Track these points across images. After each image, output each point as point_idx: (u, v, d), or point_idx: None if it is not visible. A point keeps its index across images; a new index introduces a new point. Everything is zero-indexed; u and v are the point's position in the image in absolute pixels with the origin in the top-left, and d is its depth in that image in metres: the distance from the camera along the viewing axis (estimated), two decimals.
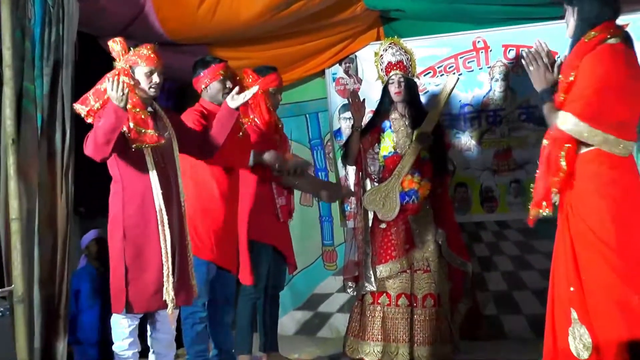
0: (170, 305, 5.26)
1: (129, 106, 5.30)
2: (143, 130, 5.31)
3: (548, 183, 4.49)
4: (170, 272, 5.25)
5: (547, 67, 4.74)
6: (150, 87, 5.44)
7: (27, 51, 6.12)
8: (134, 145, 5.33)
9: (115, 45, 5.40)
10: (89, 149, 5.22)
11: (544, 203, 4.49)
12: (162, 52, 5.66)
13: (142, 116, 5.36)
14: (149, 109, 5.46)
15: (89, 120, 5.32)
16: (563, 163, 4.46)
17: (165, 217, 5.27)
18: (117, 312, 5.32)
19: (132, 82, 5.33)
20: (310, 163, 7.25)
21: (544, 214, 4.51)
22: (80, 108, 5.35)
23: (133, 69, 5.39)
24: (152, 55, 5.43)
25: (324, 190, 7.10)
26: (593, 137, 4.40)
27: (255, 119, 6.53)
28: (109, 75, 5.31)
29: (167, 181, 5.45)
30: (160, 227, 5.27)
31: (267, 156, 6.36)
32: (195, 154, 5.69)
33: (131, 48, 5.42)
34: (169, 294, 5.24)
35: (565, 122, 4.44)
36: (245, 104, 6.18)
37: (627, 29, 5.31)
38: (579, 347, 4.40)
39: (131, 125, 5.32)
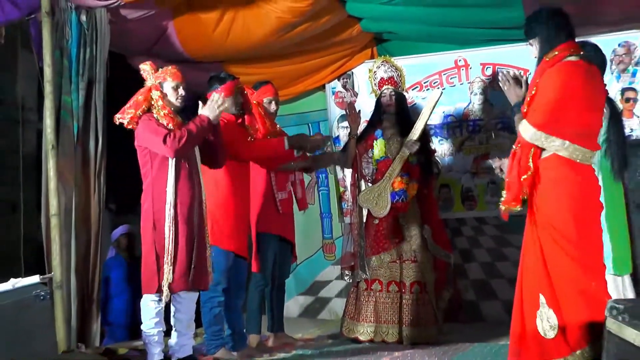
0: (166, 290, 5.33)
1: (163, 114, 5.41)
2: None
3: (519, 183, 4.53)
4: (172, 261, 5.32)
5: (518, 84, 4.80)
6: (177, 99, 5.52)
7: (65, 68, 6.19)
8: None
9: (145, 67, 5.46)
10: (171, 147, 5.27)
11: (514, 202, 4.55)
12: (181, 68, 5.72)
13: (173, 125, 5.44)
14: (179, 118, 5.53)
15: (131, 127, 5.35)
16: (530, 164, 4.51)
17: (172, 213, 5.32)
18: (150, 293, 5.35)
19: (161, 95, 5.42)
20: (330, 136, 7.22)
21: (517, 209, 4.56)
22: (120, 118, 5.37)
23: (162, 84, 5.46)
24: (176, 72, 5.52)
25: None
26: (550, 143, 4.44)
27: (258, 127, 6.56)
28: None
29: (191, 182, 5.51)
30: (172, 221, 5.35)
31: (300, 140, 6.37)
32: (207, 163, 5.73)
33: (159, 68, 5.49)
34: (166, 279, 5.32)
35: (526, 130, 4.50)
36: (250, 116, 6.28)
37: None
38: (545, 328, 4.43)
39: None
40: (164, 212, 5.33)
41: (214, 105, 5.58)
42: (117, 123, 5.38)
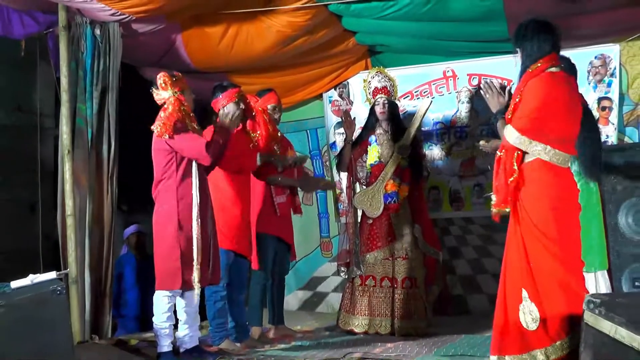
0: (197, 284, 5.35)
1: (193, 124, 5.44)
2: None
3: (506, 185, 4.53)
4: (198, 258, 5.33)
5: (500, 93, 4.79)
6: (191, 104, 5.57)
7: (80, 78, 6.21)
8: None
9: (164, 78, 5.39)
10: (212, 156, 5.35)
11: (503, 204, 4.55)
12: (189, 79, 5.72)
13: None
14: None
15: (163, 135, 5.30)
16: (515, 167, 4.51)
17: (197, 214, 5.35)
18: (173, 289, 5.35)
19: (185, 108, 5.42)
20: (306, 156, 7.17)
21: (507, 210, 4.56)
22: (158, 128, 5.33)
23: (183, 93, 5.47)
24: (185, 79, 5.53)
25: (305, 184, 7.13)
26: (533, 147, 4.44)
27: (261, 132, 6.56)
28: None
29: (206, 185, 5.55)
30: (198, 221, 5.35)
31: (272, 158, 6.39)
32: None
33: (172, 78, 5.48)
34: (196, 275, 5.33)
35: (511, 135, 4.49)
36: (253, 122, 6.28)
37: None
38: (527, 320, 4.42)
39: None
40: (190, 213, 5.34)
41: (229, 117, 5.64)
42: (156, 134, 5.33)
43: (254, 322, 6.57)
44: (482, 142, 5.25)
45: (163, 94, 5.41)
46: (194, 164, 5.40)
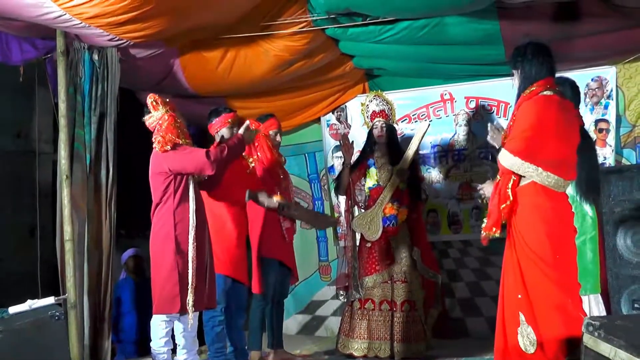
0: (191, 307, 5.33)
1: (188, 141, 5.43)
2: None
3: (498, 211, 4.55)
4: (192, 282, 5.32)
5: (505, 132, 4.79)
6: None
7: (78, 103, 6.22)
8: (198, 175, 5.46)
9: (154, 98, 5.42)
10: (214, 160, 5.30)
11: (494, 228, 4.56)
12: (187, 103, 5.73)
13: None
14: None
15: (157, 149, 5.32)
16: (509, 192, 4.52)
17: (194, 237, 5.34)
18: (171, 313, 5.33)
19: (179, 124, 5.43)
20: (290, 203, 7.07)
21: (496, 235, 4.57)
22: (159, 142, 5.34)
23: (175, 111, 5.47)
24: (174, 105, 5.55)
25: (316, 221, 7.16)
26: (525, 169, 4.46)
27: (260, 157, 6.58)
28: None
29: (201, 206, 5.55)
30: (194, 245, 5.35)
31: (260, 197, 6.34)
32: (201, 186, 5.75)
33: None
34: (191, 299, 5.31)
35: (504, 157, 4.51)
36: (250, 146, 6.29)
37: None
38: (526, 344, 4.44)
39: None
40: (187, 236, 5.33)
41: (249, 133, 5.69)
42: (158, 149, 5.33)
43: (253, 346, 6.55)
44: (481, 191, 5.20)
45: (155, 114, 5.40)
46: (191, 187, 5.39)
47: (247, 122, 5.74)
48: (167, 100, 5.47)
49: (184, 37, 6.43)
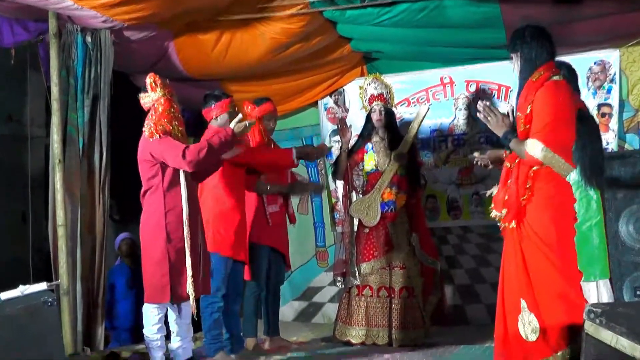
0: (192, 295, 5.31)
1: (181, 129, 5.39)
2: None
3: (518, 203, 4.51)
4: (190, 268, 5.30)
5: (504, 115, 4.72)
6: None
7: (71, 87, 6.20)
8: None
9: (153, 78, 5.37)
10: (190, 160, 5.23)
11: (514, 221, 4.54)
12: (181, 86, 5.68)
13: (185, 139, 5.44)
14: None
15: (147, 134, 5.28)
16: (529, 185, 4.50)
17: (187, 225, 5.32)
18: (162, 302, 5.32)
19: (174, 110, 5.39)
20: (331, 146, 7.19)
21: (511, 225, 4.56)
22: (151, 129, 5.30)
23: (172, 94, 5.42)
24: (172, 88, 5.50)
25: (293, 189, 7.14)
26: (550, 159, 4.42)
27: (254, 140, 6.57)
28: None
29: (195, 194, 5.53)
30: (188, 233, 5.32)
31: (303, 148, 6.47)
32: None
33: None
34: (191, 286, 5.30)
35: (534, 148, 4.42)
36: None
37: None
38: (527, 331, 4.43)
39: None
40: (179, 224, 5.31)
41: (242, 126, 5.56)
42: (147, 135, 5.29)
43: (248, 333, 6.56)
44: (476, 154, 5.23)
45: (152, 95, 5.35)
46: (182, 175, 5.36)
47: (240, 115, 5.68)
48: (167, 82, 5.43)
49: (178, 19, 6.40)
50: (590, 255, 5.16)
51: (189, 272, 5.27)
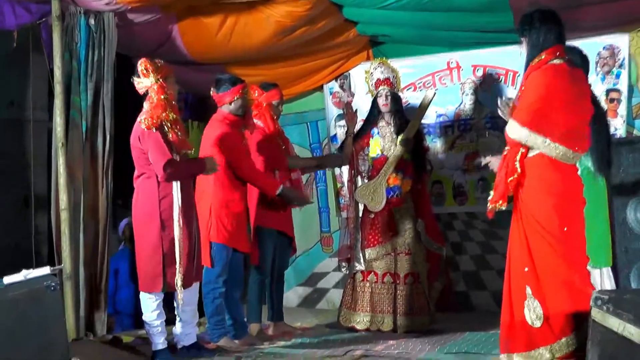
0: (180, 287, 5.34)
1: (175, 116, 5.39)
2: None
3: (505, 184, 4.54)
4: (179, 258, 5.32)
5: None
6: (175, 90, 5.56)
7: (74, 70, 6.19)
8: (182, 152, 5.41)
9: (145, 65, 5.38)
10: (164, 175, 5.27)
11: (500, 201, 4.55)
12: (185, 70, 5.67)
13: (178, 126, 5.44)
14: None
15: (143, 126, 5.29)
16: (517, 165, 4.51)
17: (180, 213, 5.33)
18: (155, 291, 5.36)
19: (167, 97, 5.37)
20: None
21: (502, 208, 4.57)
22: (147, 120, 5.30)
23: (166, 80, 5.42)
24: (168, 68, 5.49)
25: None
26: (533, 140, 4.43)
27: (261, 125, 6.57)
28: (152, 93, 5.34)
29: (188, 183, 5.53)
30: (181, 221, 5.33)
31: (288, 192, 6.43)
32: None
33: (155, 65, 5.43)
34: (179, 277, 5.33)
35: (512, 128, 4.49)
36: (250, 115, 6.28)
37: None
38: (533, 318, 4.45)
39: (179, 133, 5.38)
40: (173, 213, 5.31)
41: (213, 167, 5.61)
42: (145, 127, 5.30)
43: (252, 318, 6.58)
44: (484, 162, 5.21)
45: (145, 81, 5.36)
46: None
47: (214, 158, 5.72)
48: (160, 65, 5.42)
49: (182, 1, 6.39)
50: (594, 243, 5.16)
51: (178, 263, 5.29)
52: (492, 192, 4.64)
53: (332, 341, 6.31)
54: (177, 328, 5.60)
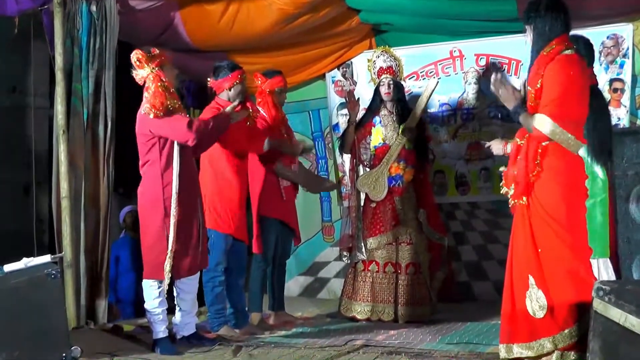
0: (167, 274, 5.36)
1: (176, 101, 5.38)
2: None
3: (527, 179, 4.51)
4: (173, 246, 5.33)
5: (514, 88, 4.72)
6: (175, 77, 5.55)
7: (75, 57, 6.19)
8: None
9: (138, 56, 5.35)
10: (193, 136, 5.27)
11: (524, 197, 4.55)
12: (187, 58, 5.67)
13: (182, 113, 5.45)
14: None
15: (151, 116, 5.28)
16: (538, 161, 4.49)
17: (181, 201, 5.34)
18: (159, 279, 5.37)
19: (165, 84, 5.37)
20: (312, 145, 7.21)
21: (521, 202, 4.56)
22: (150, 109, 5.29)
23: (162, 68, 5.41)
24: (164, 56, 5.48)
25: (310, 183, 7.19)
26: (559, 134, 4.41)
27: (264, 113, 6.57)
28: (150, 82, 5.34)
29: (191, 168, 5.53)
30: (174, 209, 5.33)
31: (282, 144, 6.46)
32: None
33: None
34: (167, 266, 5.34)
35: (543, 123, 4.42)
36: (253, 102, 6.29)
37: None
38: (535, 308, 4.45)
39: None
40: (176, 200, 5.32)
41: (236, 115, 5.67)
42: (151, 116, 5.29)
43: (253, 308, 6.60)
44: (487, 146, 5.21)
45: (141, 72, 5.36)
46: (175, 149, 5.37)
47: (235, 102, 5.73)
48: (154, 54, 5.41)
49: None
50: (593, 233, 5.15)
51: (171, 249, 5.31)
52: (503, 186, 4.64)
53: (332, 331, 6.32)
54: (177, 317, 5.61)
